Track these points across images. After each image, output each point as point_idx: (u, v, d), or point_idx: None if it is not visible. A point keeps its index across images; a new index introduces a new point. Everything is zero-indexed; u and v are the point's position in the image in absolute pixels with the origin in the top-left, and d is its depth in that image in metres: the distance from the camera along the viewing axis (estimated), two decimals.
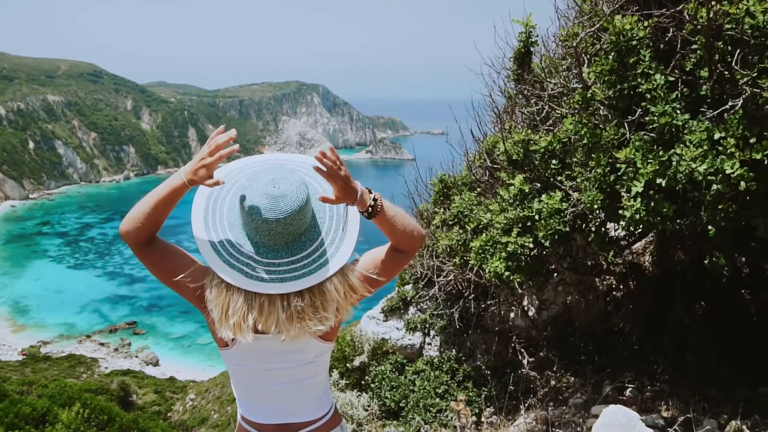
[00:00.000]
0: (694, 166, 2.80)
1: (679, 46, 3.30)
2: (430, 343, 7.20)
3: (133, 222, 1.63)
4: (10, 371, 37.86)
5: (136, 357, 55.55)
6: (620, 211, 3.25)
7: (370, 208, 1.67)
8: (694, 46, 3.12)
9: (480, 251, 4.21)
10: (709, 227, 3.15)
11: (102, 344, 58.36)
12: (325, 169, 1.57)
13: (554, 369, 5.70)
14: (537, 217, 3.91)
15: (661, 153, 3.01)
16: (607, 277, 6.19)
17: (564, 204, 3.80)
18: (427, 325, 6.89)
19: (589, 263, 5.36)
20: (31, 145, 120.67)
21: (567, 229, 3.77)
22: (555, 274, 5.46)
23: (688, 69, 3.14)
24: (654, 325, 5.62)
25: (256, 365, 1.74)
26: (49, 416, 10.40)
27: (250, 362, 1.74)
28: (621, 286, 6.26)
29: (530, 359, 5.92)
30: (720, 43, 2.92)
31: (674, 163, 2.91)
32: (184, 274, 1.67)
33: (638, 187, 3.06)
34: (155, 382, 39.37)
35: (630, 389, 5.16)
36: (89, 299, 67.51)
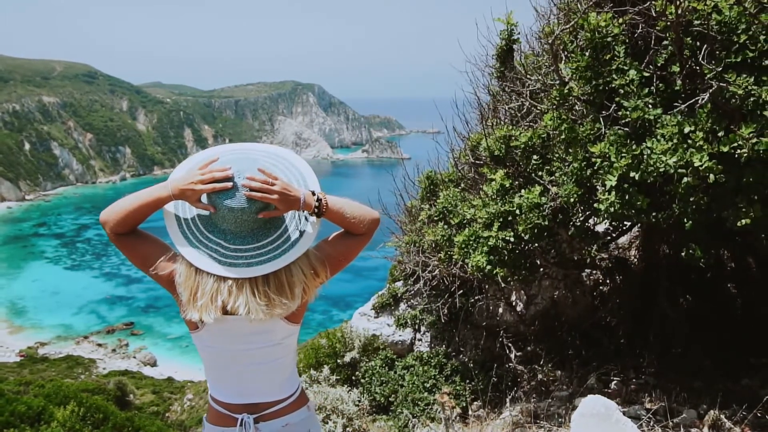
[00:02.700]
0: (664, 159, 2.86)
1: (652, 42, 3.36)
2: (420, 339, 7.27)
3: (113, 215, 1.74)
4: (8, 372, 37.82)
5: (134, 358, 55.52)
6: (596, 205, 3.31)
7: (315, 210, 1.76)
8: (665, 42, 3.18)
9: (463, 246, 4.27)
10: (686, 220, 3.22)
11: (99, 345, 58.33)
12: (256, 193, 1.66)
13: (541, 363, 5.76)
14: (518, 211, 3.97)
15: (634, 147, 3.07)
16: (594, 271, 6.25)
17: (543, 198, 3.86)
18: (418, 321, 6.94)
19: (576, 258, 5.43)
20: (27, 146, 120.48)
21: (546, 222, 3.83)
22: (541, 269, 5.52)
23: (660, 64, 3.20)
24: (640, 319, 5.69)
25: (225, 346, 1.82)
26: (44, 415, 10.44)
27: (219, 343, 1.82)
28: (608, 281, 6.32)
29: (518, 353, 5.98)
30: (689, 38, 2.98)
31: (645, 156, 2.97)
32: (157, 261, 1.76)
33: (612, 180, 3.11)
34: (153, 382, 39.32)
35: (615, 382, 5.23)
36: (86, 300, 67.44)
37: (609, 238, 5.56)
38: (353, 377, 6.87)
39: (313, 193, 1.76)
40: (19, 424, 9.30)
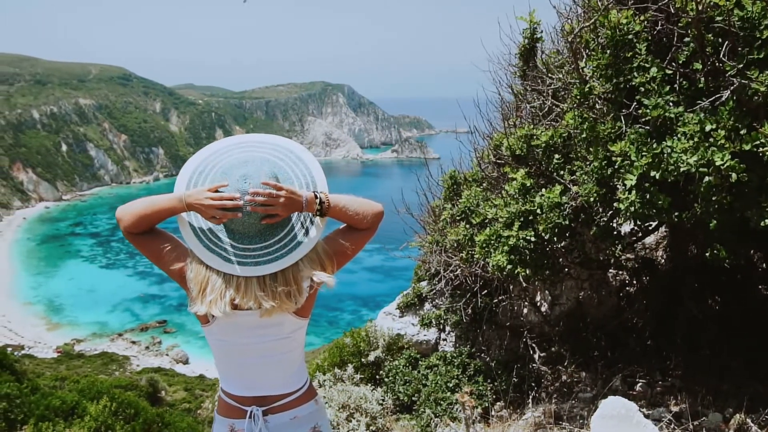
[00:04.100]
0: (684, 158, 2.82)
1: (675, 38, 3.31)
2: (445, 339, 7.26)
3: (128, 216, 1.80)
4: (45, 368, 38.81)
5: (167, 355, 56.46)
6: (616, 204, 3.27)
7: (318, 210, 1.79)
8: (687, 39, 3.13)
9: (484, 245, 4.26)
10: (711, 220, 3.17)
11: (133, 342, 59.46)
12: (261, 207, 1.71)
13: (565, 364, 5.71)
14: (538, 211, 3.94)
15: (654, 146, 3.03)
16: (620, 272, 6.17)
17: (564, 198, 3.83)
18: (442, 321, 6.94)
19: (600, 258, 5.37)
20: (64, 147, 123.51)
21: (567, 222, 3.80)
22: (565, 269, 5.47)
23: (681, 61, 3.15)
24: (667, 320, 5.60)
25: (235, 340, 1.87)
26: (78, 409, 10.69)
27: (229, 337, 1.87)
28: (634, 282, 6.23)
29: (541, 354, 5.94)
30: (710, 35, 2.93)
31: (666, 155, 2.93)
32: (169, 257, 1.82)
33: (632, 180, 3.08)
34: (185, 379, 39.92)
35: (640, 384, 5.15)
36: (121, 298, 68.84)
37: (634, 238, 5.49)
38: (377, 376, 6.90)
39: (316, 195, 1.79)
40: (53, 417, 9.55)
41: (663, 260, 6.05)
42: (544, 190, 3.98)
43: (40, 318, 64.50)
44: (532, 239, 3.98)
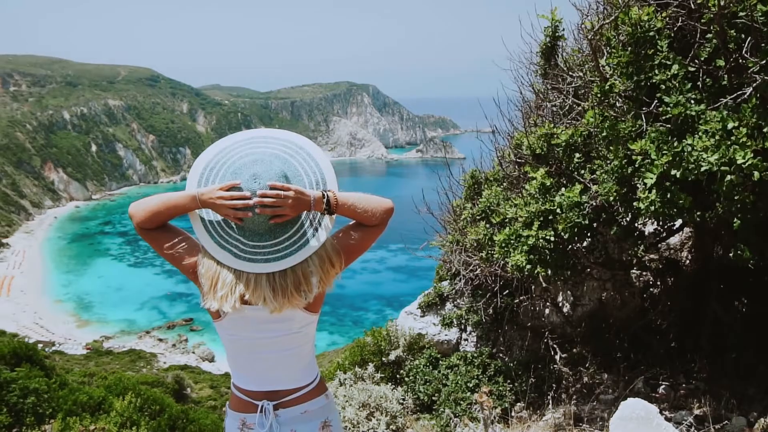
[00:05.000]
0: (705, 156, 2.77)
1: (698, 35, 3.26)
2: (466, 339, 7.22)
3: (141, 212, 1.84)
4: (75, 364, 39.58)
5: (193, 353, 57.13)
6: (636, 203, 3.23)
7: (326, 209, 1.80)
8: (709, 35, 3.07)
9: (503, 245, 4.23)
10: (734, 219, 3.11)
11: (160, 340, 60.30)
12: (269, 208, 1.72)
13: (587, 365, 5.65)
14: (558, 210, 3.91)
15: (675, 144, 2.98)
16: (644, 273, 6.08)
17: (583, 197, 3.79)
18: (463, 321, 6.91)
19: (623, 258, 5.30)
20: (94, 148, 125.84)
21: (586, 221, 3.76)
22: (588, 269, 5.41)
23: (703, 58, 3.10)
24: (692, 322, 5.50)
25: (246, 334, 1.89)
26: (104, 405, 10.88)
27: (240, 332, 1.89)
28: (658, 283, 6.14)
29: (563, 355, 5.88)
30: (733, 31, 2.87)
31: (686, 154, 2.89)
32: (180, 253, 1.85)
33: (652, 178, 3.04)
34: (211, 377, 40.34)
35: (663, 386, 5.08)
36: (148, 296, 69.89)
37: (658, 238, 5.41)
38: (397, 375, 6.90)
39: (323, 194, 1.79)
40: (80, 412, 9.74)
41: (688, 261, 5.94)
42: (563, 189, 3.94)
43: (71, 315, 65.77)
44: (552, 239, 3.94)
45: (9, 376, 9.40)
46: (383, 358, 7.15)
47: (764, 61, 2.69)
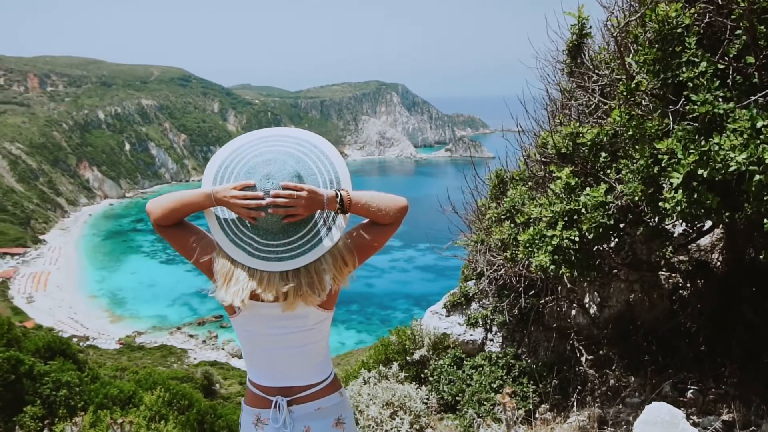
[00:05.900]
0: (732, 155, 2.70)
1: (728, 32, 3.18)
2: (491, 339, 7.18)
3: (158, 209, 1.87)
4: (108, 358, 40.45)
5: (223, 349, 57.89)
6: (661, 204, 3.17)
7: (339, 209, 1.81)
8: (738, 32, 3.00)
9: (527, 245, 4.19)
10: (765, 220, 3.03)
11: (191, 336, 61.26)
12: (282, 208, 1.74)
13: (613, 368, 5.56)
14: (583, 210, 3.86)
15: (702, 143, 2.92)
16: (673, 275, 5.96)
17: (609, 197, 3.74)
18: (489, 321, 6.87)
19: (651, 259, 5.21)
20: (127, 146, 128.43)
21: (612, 222, 3.70)
22: (614, 270, 5.33)
23: (733, 55, 3.02)
24: (722, 325, 5.38)
25: (260, 330, 1.92)
26: (134, 398, 11.13)
27: (254, 328, 1.92)
28: (688, 285, 6.01)
29: (589, 357, 5.80)
30: (763, 27, 2.80)
31: (713, 153, 2.82)
32: (196, 249, 1.88)
33: (678, 178, 2.97)
34: (240, 373, 40.82)
35: (692, 391, 4.97)
36: (179, 293, 71.00)
37: (687, 239, 5.30)
38: (422, 375, 6.89)
39: (337, 193, 1.80)
40: (111, 405, 9.97)
41: (718, 263, 5.81)
42: (588, 188, 3.88)
43: (104, 310, 67.21)
44: (576, 239, 3.89)
45: (42, 369, 9.67)
46: (407, 357, 7.15)
47: None
